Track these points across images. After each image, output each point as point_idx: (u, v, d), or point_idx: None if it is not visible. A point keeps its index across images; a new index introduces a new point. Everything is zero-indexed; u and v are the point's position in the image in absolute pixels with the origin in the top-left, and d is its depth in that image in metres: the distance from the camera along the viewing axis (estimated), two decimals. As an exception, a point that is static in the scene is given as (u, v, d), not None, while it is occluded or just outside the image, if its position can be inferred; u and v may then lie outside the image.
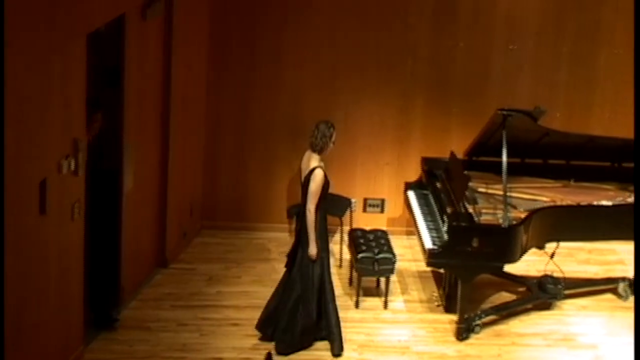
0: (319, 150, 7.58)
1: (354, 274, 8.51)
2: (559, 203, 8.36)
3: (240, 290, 8.52)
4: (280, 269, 8.90)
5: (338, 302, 7.88)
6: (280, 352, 7.57)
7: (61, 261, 6.66)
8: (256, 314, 8.06)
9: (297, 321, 7.60)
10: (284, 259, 9.12)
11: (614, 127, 9.59)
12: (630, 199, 8.60)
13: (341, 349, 7.63)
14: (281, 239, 9.52)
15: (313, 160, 7.56)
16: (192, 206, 9.37)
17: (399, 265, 8.53)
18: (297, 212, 7.80)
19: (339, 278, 8.83)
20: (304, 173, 7.60)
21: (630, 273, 8.92)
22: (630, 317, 8.45)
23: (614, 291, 8.85)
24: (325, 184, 7.55)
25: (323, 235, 7.61)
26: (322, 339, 7.70)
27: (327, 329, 7.66)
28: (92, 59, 7.02)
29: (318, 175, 7.50)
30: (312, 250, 7.50)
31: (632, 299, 8.77)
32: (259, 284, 8.65)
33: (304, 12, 9.43)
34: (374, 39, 9.49)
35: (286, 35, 9.44)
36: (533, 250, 8.21)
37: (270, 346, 7.56)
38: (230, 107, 9.58)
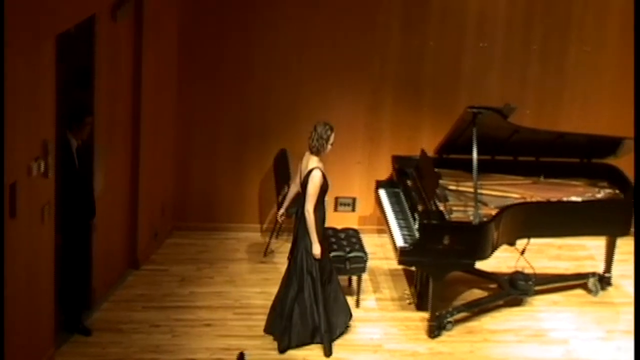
0: (316, 152, 7.61)
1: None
2: (529, 200, 8.42)
3: (213, 291, 8.50)
4: (252, 268, 8.99)
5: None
6: (280, 351, 7.63)
7: (32, 264, 6.62)
8: (228, 314, 8.11)
9: (293, 322, 7.62)
10: (256, 259, 9.19)
11: (584, 123, 9.67)
12: (600, 195, 8.69)
13: (329, 352, 7.65)
14: (253, 239, 9.55)
15: (312, 162, 7.59)
16: (163, 207, 9.34)
17: (370, 263, 8.53)
18: (296, 212, 7.84)
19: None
20: (303, 174, 7.64)
21: (599, 268, 9.02)
22: (599, 311, 8.57)
23: (584, 286, 8.92)
24: (324, 185, 7.57)
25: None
26: (318, 342, 7.73)
27: (319, 333, 7.68)
28: (64, 61, 6.99)
29: (316, 176, 7.53)
30: (316, 249, 7.56)
31: (602, 293, 8.86)
32: (231, 285, 8.65)
33: (274, 13, 9.42)
34: (343, 39, 9.51)
35: (256, 36, 9.42)
36: (504, 246, 8.26)
37: (243, 347, 7.56)
38: (201, 108, 9.55)
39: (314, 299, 7.61)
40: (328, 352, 7.63)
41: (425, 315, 8.07)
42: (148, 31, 8.44)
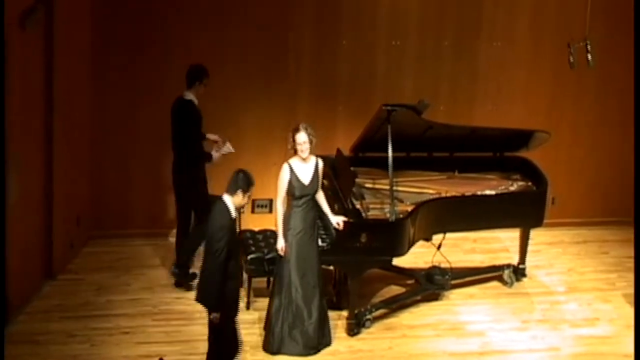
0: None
1: (245, 275, 8.49)
2: (444, 195, 8.51)
3: (130, 298, 8.44)
4: (169, 274, 8.93)
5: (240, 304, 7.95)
6: None
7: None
8: (147, 321, 8.05)
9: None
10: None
11: (496, 118, 9.83)
12: (513, 187, 8.82)
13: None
14: (170, 245, 9.44)
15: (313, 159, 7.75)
16: (78, 216, 9.25)
17: (289, 264, 8.54)
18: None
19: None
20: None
21: (514, 260, 9.18)
22: (514, 302, 8.71)
23: (500, 278, 9.07)
24: (292, 182, 7.59)
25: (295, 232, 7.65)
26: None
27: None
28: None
29: (281, 170, 7.64)
30: (278, 244, 7.62)
31: (516, 285, 9.02)
32: (149, 291, 8.60)
33: (187, 15, 9.39)
34: (258, 40, 9.53)
35: (171, 41, 9.38)
36: (420, 242, 8.34)
37: (163, 353, 7.53)
38: (116, 115, 9.48)
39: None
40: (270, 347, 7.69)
41: (344, 313, 8.11)
42: (59, 39, 8.35)
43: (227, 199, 6.74)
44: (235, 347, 6.95)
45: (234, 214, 6.73)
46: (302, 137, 7.62)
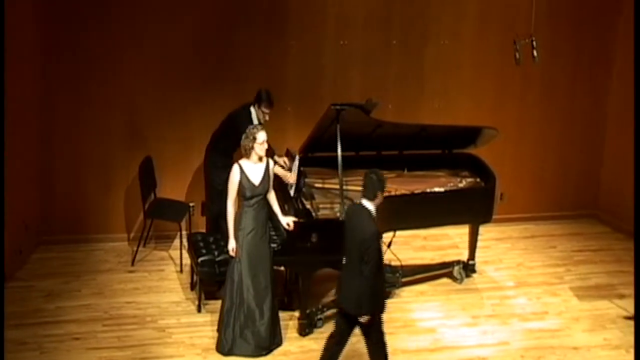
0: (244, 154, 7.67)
1: (195, 277, 8.50)
2: (393, 193, 8.54)
3: (81, 304, 8.36)
4: (121, 278, 8.88)
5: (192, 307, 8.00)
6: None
7: None
8: (97, 327, 7.98)
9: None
10: (124, 269, 9.01)
11: (443, 115, 9.93)
12: (462, 184, 8.90)
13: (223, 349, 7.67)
14: (120, 249, 9.46)
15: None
16: (26, 222, 9.13)
17: (240, 265, 8.52)
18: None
19: (180, 284, 8.84)
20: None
21: (463, 256, 9.26)
22: (465, 298, 8.78)
23: (450, 275, 9.15)
24: (242, 180, 7.55)
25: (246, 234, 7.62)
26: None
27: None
28: None
29: (231, 171, 7.58)
30: (229, 245, 7.59)
31: (466, 280, 9.11)
32: (99, 296, 8.52)
33: (135, 16, 9.35)
34: (205, 40, 9.51)
35: (119, 43, 9.33)
36: (371, 241, 8.40)
37: (114, 358, 7.47)
38: (64, 118, 9.39)
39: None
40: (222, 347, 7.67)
41: (296, 314, 8.12)
42: (7, 41, 8.23)
43: (368, 204, 6.83)
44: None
45: (375, 214, 6.84)
46: (263, 136, 7.63)
